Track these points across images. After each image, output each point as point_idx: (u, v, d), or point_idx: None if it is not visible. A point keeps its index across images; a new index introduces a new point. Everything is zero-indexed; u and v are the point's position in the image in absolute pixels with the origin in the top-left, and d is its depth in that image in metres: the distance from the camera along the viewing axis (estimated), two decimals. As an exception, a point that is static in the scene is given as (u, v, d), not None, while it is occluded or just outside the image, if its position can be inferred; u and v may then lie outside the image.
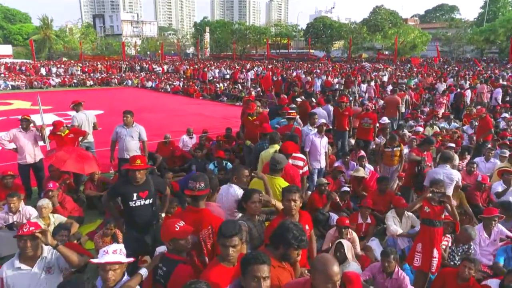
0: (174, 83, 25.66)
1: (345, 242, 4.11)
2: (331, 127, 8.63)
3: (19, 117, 6.35)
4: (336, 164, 6.96)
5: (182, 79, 28.52)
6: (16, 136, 6.14)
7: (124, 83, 29.34)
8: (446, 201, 3.83)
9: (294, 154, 4.99)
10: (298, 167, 4.92)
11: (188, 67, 34.18)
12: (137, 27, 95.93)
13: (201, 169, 7.35)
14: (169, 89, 24.38)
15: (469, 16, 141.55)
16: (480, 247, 4.66)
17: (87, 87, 28.15)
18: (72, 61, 48.81)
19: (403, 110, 12.04)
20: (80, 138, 6.89)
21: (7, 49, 59.03)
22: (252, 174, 4.05)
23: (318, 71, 27.80)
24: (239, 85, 22.60)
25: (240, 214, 3.56)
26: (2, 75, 31.45)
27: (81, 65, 39.25)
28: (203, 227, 3.07)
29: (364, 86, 17.92)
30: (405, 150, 7.49)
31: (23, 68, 35.03)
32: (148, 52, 72.78)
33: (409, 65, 38.35)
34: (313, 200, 5.55)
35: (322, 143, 6.32)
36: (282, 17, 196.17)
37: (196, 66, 34.06)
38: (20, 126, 6.20)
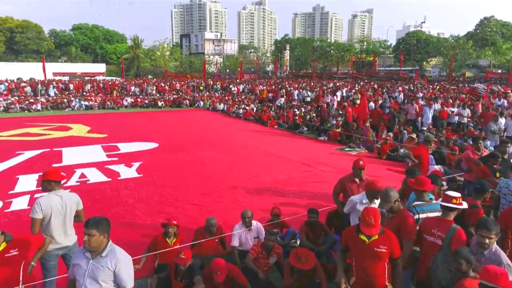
0: (247, 107, 22.63)
1: None
2: None
3: None
4: None
5: (256, 102, 25.47)
6: None
7: (196, 105, 27.39)
8: None
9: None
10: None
11: (264, 87, 31.20)
12: (219, 45, 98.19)
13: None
14: (241, 113, 21.46)
15: None
16: None
17: (158, 108, 26.77)
18: (153, 79, 49.65)
19: None
20: (38, 249, 3.67)
21: (101, 67, 63.46)
22: None
23: (421, 94, 22.45)
24: (323, 112, 18.52)
25: None
26: (85, 93, 31.94)
27: (162, 84, 38.82)
28: None
29: (502, 121, 12.67)
30: None
31: (104, 85, 35.56)
32: (228, 70, 72.87)
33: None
34: None
35: None
36: (365, 33, 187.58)
37: (273, 87, 30.84)
38: None
